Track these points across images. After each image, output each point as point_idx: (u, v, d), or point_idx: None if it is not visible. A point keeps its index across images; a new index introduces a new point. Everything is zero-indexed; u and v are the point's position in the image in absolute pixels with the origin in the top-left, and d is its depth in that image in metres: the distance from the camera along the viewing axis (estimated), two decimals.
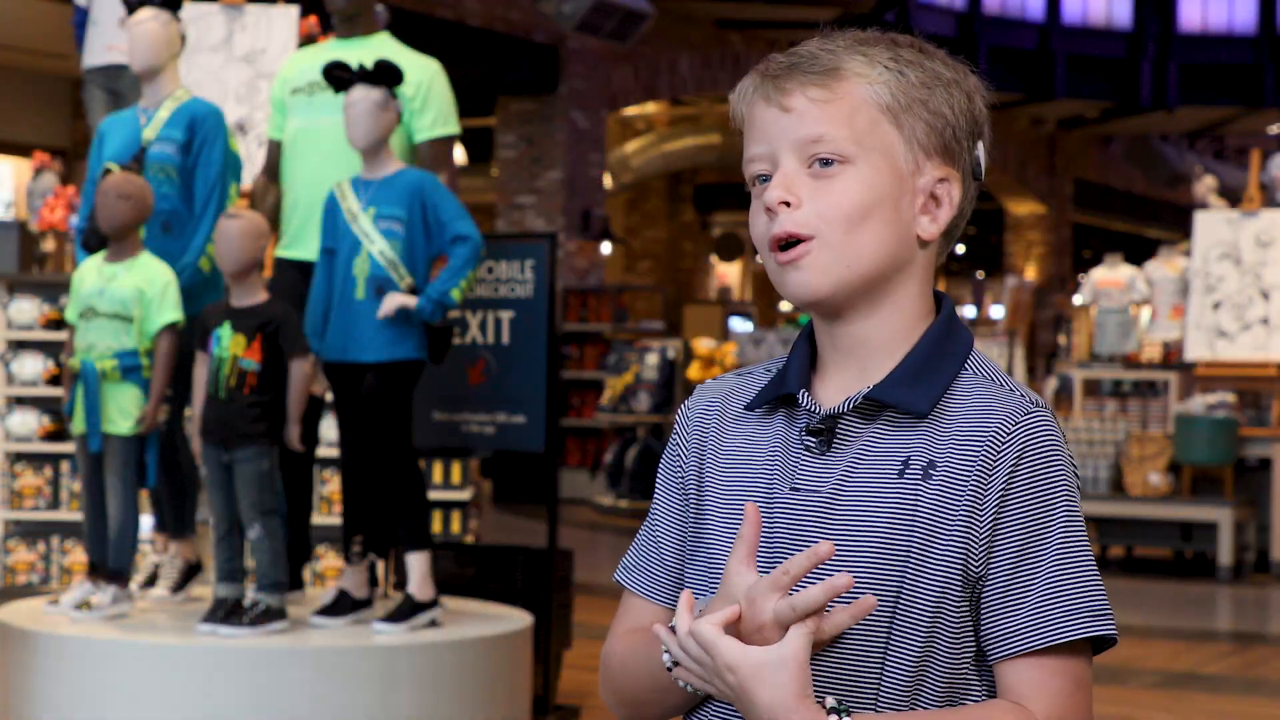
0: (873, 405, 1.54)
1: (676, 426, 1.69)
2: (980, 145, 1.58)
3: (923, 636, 1.49)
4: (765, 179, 1.55)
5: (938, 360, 1.54)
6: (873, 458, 1.52)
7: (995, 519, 1.49)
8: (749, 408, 1.61)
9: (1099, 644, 1.51)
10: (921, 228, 1.55)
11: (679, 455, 1.66)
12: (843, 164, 1.52)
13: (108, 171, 4.81)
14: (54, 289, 6.96)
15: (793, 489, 1.54)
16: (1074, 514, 1.50)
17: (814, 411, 1.56)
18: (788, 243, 1.52)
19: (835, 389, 1.57)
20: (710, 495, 1.60)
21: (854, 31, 1.57)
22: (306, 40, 6.64)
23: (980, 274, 28.55)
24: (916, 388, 1.52)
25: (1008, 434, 1.50)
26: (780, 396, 1.59)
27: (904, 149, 1.54)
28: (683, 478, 1.65)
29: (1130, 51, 21.02)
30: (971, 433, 1.51)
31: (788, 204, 1.52)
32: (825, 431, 1.55)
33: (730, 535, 1.55)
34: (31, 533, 6.86)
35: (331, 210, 4.82)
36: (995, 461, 1.49)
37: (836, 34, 1.56)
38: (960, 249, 25.47)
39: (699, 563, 1.60)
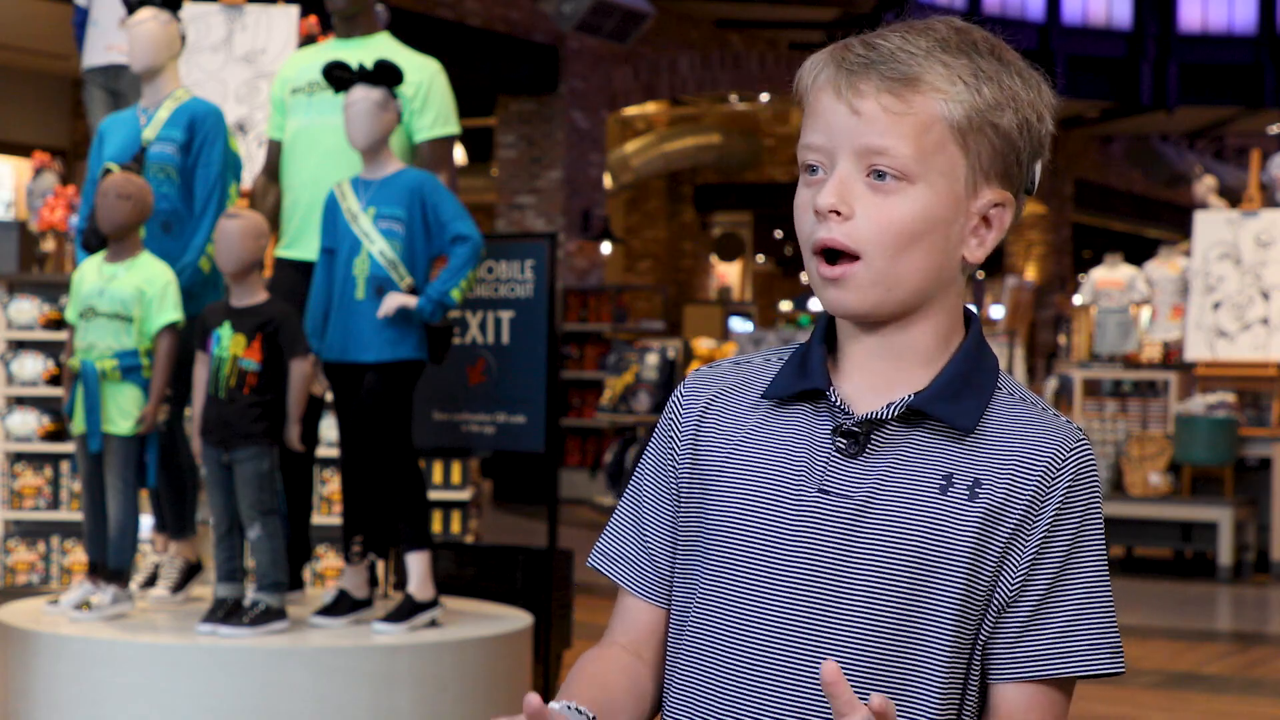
0: (913, 414, 1.49)
1: (669, 414, 1.59)
2: (1039, 163, 1.52)
3: (949, 654, 1.47)
4: (815, 170, 1.49)
5: (976, 375, 1.50)
6: (911, 468, 1.48)
7: (1040, 546, 1.47)
8: (766, 397, 1.54)
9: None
10: (969, 250, 1.50)
11: (671, 445, 1.59)
12: (902, 181, 1.45)
13: (108, 171, 4.81)
14: (54, 289, 6.96)
15: (821, 491, 1.49)
16: (1104, 546, 1.50)
17: (845, 411, 1.50)
18: (831, 255, 1.47)
19: (860, 389, 1.51)
20: (718, 488, 1.53)
21: (936, 27, 1.49)
22: (306, 40, 6.64)
23: (980, 274, 28.52)
24: (959, 403, 1.48)
25: (1062, 462, 1.48)
26: (803, 391, 1.52)
27: (966, 172, 1.47)
28: (675, 468, 1.58)
29: (1130, 51, 21.00)
30: (1021, 457, 1.48)
31: (838, 213, 1.46)
32: (860, 435, 1.49)
33: (739, 528, 1.51)
34: (31, 533, 6.86)
35: (331, 210, 4.82)
36: (1049, 490, 1.47)
37: (917, 30, 1.48)
38: None
39: (695, 554, 1.54)
